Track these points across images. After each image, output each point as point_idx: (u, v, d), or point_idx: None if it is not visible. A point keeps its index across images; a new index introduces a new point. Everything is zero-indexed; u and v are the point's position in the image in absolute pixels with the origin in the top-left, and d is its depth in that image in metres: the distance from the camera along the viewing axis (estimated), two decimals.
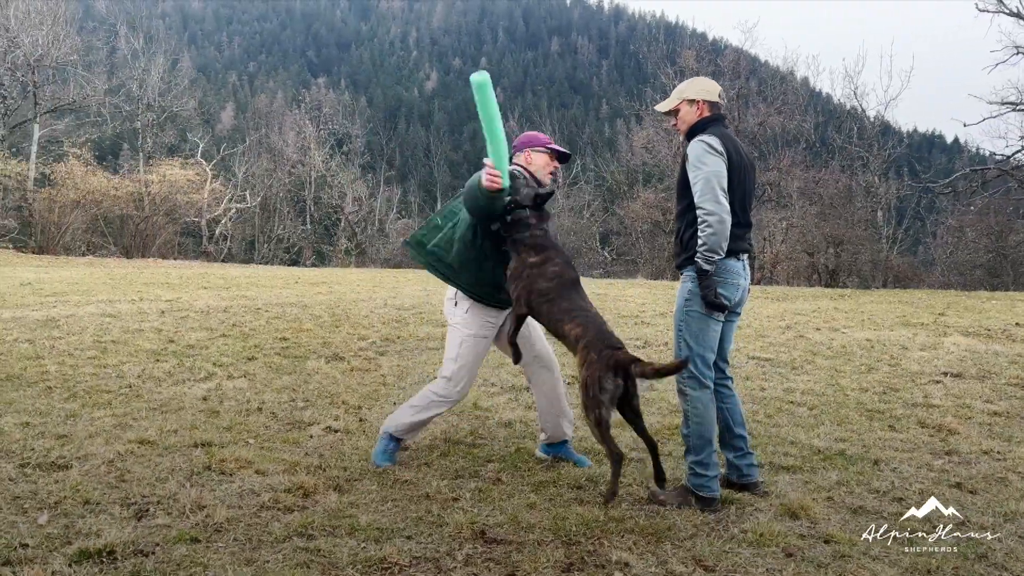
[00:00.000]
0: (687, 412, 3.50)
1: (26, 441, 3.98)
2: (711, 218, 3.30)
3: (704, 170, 3.35)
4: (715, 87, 3.68)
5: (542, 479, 3.65)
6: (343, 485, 3.48)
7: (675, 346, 3.58)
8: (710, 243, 3.31)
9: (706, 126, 3.53)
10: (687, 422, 3.50)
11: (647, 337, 9.08)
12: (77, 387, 5.60)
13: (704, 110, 3.58)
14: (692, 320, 3.46)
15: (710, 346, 3.50)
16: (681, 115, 3.62)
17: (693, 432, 3.46)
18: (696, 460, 3.44)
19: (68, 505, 3.09)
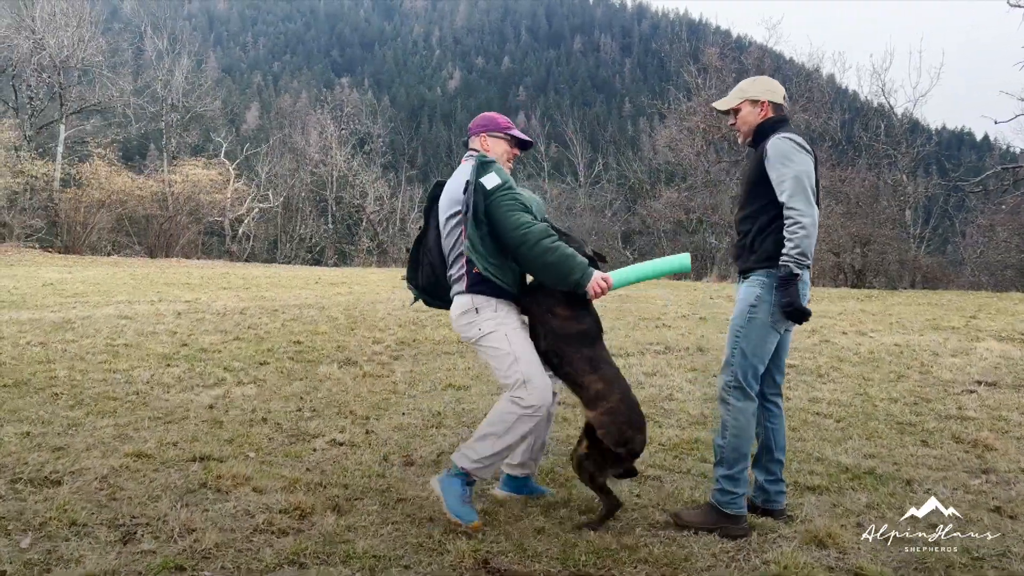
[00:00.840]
0: (726, 423, 3.28)
1: (21, 454, 3.86)
2: (804, 219, 3.08)
3: (793, 168, 3.13)
4: (780, 88, 3.46)
5: (551, 500, 3.46)
6: (342, 505, 3.31)
7: (728, 351, 3.34)
8: (803, 246, 3.07)
9: (775, 127, 3.33)
10: (724, 433, 3.28)
11: (668, 341, 8.85)
12: (84, 394, 5.51)
13: (768, 111, 3.37)
14: (753, 328, 3.24)
15: (763, 358, 3.29)
16: (742, 115, 3.41)
17: (729, 444, 3.25)
18: (727, 474, 3.23)
19: (53, 527, 2.95)
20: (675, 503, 3.46)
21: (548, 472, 3.85)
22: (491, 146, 3.44)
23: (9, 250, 24.80)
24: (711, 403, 5.57)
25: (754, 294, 3.23)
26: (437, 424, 4.80)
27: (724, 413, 3.30)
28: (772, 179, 3.19)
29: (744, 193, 3.40)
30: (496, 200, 3.15)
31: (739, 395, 3.26)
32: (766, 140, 3.27)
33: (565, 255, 3.10)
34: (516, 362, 3.18)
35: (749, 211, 3.33)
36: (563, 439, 4.53)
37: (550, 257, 3.10)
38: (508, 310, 3.28)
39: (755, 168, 3.29)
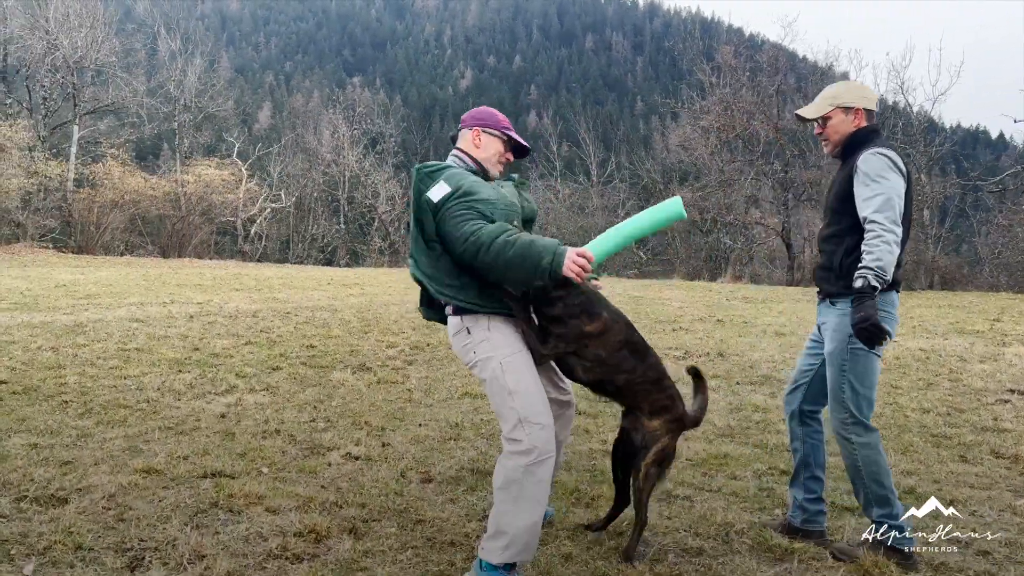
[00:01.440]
0: (855, 462, 3.06)
1: (28, 468, 3.74)
2: (888, 234, 2.84)
3: (885, 185, 2.90)
4: (873, 93, 3.23)
5: (579, 521, 3.30)
6: (359, 527, 3.16)
7: (834, 388, 3.08)
8: (885, 261, 2.82)
9: (870, 138, 3.10)
10: (858, 473, 3.06)
11: (688, 346, 8.67)
12: (94, 402, 5.39)
13: (861, 119, 3.14)
14: (858, 359, 3.01)
15: (873, 385, 3.08)
16: (833, 123, 3.15)
17: (871, 482, 3.04)
18: (886, 513, 3.03)
19: (58, 551, 2.82)
20: (708, 525, 3.29)
21: (572, 491, 3.69)
22: (484, 143, 3.00)
23: (23, 250, 24.87)
24: (736, 413, 5.40)
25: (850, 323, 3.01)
26: (455, 436, 4.65)
27: (848, 453, 3.08)
28: (859, 194, 2.96)
29: (830, 209, 3.16)
30: (444, 214, 2.72)
31: (860, 430, 3.05)
32: (857, 153, 3.06)
33: (525, 244, 2.59)
34: (511, 396, 2.72)
35: (835, 230, 3.11)
36: (586, 452, 4.37)
37: (509, 252, 2.59)
38: (504, 330, 2.82)
39: (845, 183, 3.06)
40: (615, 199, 33.49)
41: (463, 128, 3.07)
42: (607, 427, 4.93)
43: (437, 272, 2.81)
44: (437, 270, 2.81)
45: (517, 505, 2.64)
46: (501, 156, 3.03)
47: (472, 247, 2.64)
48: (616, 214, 32.57)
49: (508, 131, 3.03)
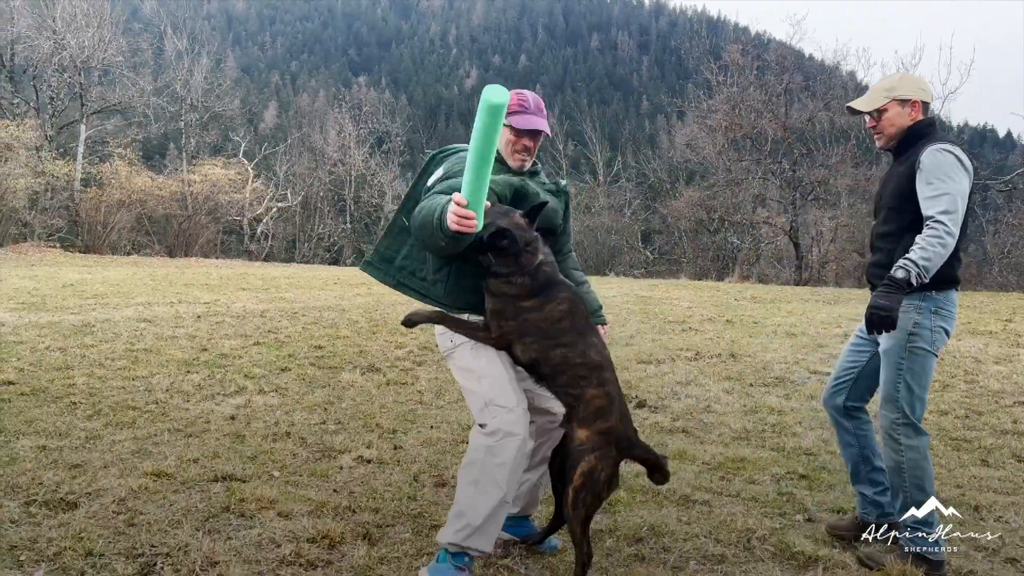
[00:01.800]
0: (900, 464, 2.99)
1: (37, 472, 3.69)
2: (948, 239, 2.78)
3: (951, 185, 2.82)
4: (929, 86, 3.15)
5: (596, 527, 3.23)
6: (373, 533, 3.11)
7: (888, 387, 3.01)
8: (933, 264, 2.76)
9: (927, 132, 3.04)
10: (900, 475, 3.00)
11: (698, 346, 8.59)
12: (102, 403, 5.35)
13: (918, 112, 3.06)
14: (917, 359, 2.95)
15: (927, 386, 3.03)
16: (889, 116, 3.06)
17: (913, 486, 2.98)
18: (922, 520, 2.97)
19: (68, 558, 2.77)
20: (728, 532, 3.22)
21: None
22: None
23: (30, 250, 24.89)
24: (752, 416, 5.32)
25: (911, 321, 2.95)
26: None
27: (895, 454, 3.01)
28: (922, 192, 2.88)
29: (887, 206, 3.08)
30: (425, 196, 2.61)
31: (910, 432, 2.98)
32: (916, 147, 2.98)
33: (427, 206, 2.46)
34: (479, 380, 2.70)
35: (893, 227, 3.03)
36: None
37: (419, 216, 2.49)
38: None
39: (906, 178, 2.97)
40: (621, 199, 33.37)
41: None
42: None
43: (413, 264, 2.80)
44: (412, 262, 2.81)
45: (477, 488, 2.60)
46: (514, 144, 2.85)
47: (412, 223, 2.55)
48: (623, 214, 32.49)
49: (511, 117, 2.78)
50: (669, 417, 5.18)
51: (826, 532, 3.25)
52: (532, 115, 2.83)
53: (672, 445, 4.49)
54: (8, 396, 5.45)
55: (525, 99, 2.84)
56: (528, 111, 2.82)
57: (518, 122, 2.80)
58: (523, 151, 2.86)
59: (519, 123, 2.80)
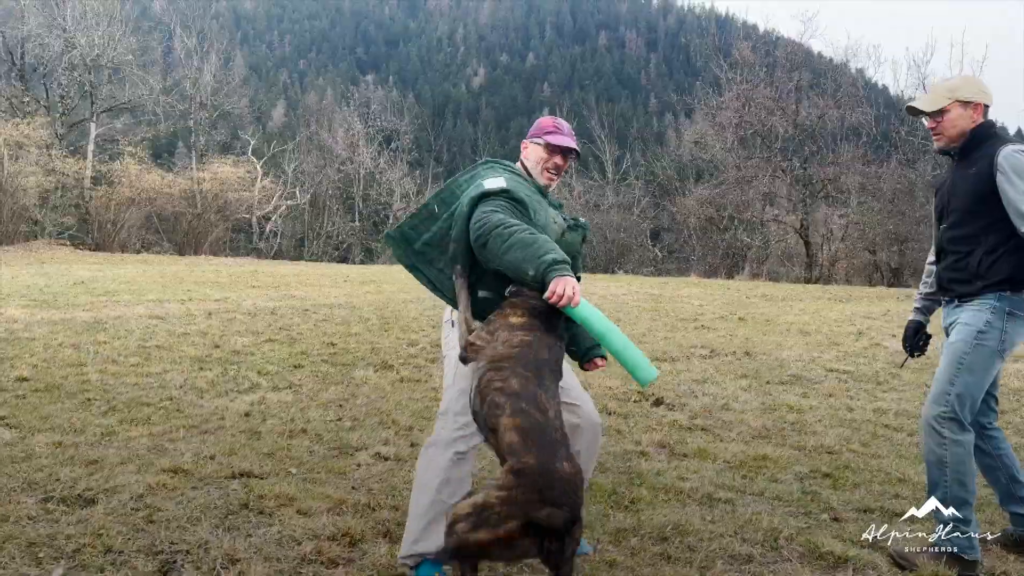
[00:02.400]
0: (943, 459, 2.94)
1: (54, 468, 3.67)
2: None
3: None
4: (990, 89, 3.10)
5: (619, 525, 3.19)
6: (394, 531, 3.06)
7: (942, 380, 2.99)
8: None
9: (991, 134, 3.01)
10: (941, 470, 2.95)
11: (713, 344, 8.52)
12: (117, 399, 5.33)
13: (979, 115, 3.03)
14: (980, 356, 2.92)
15: (984, 388, 2.98)
16: (951, 118, 3.02)
17: (952, 482, 2.93)
18: (960, 518, 2.92)
19: (87, 555, 2.74)
20: (754, 531, 3.17)
21: (610, 494, 3.58)
22: (528, 152, 2.97)
23: (41, 247, 24.99)
24: (770, 414, 5.26)
25: (983, 319, 2.91)
26: None
27: (937, 447, 2.96)
28: (1009, 195, 2.85)
29: (960, 209, 3.03)
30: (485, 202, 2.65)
31: (956, 428, 2.94)
32: (981, 149, 2.97)
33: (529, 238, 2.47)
34: (447, 388, 2.78)
35: (970, 230, 2.99)
36: (620, 454, 4.25)
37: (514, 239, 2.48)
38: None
39: (980, 181, 2.94)
40: (630, 197, 33.26)
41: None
42: (639, 427, 4.82)
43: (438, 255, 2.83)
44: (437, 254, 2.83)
45: (414, 493, 2.71)
46: (546, 162, 2.92)
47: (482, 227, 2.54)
48: (631, 212, 32.37)
49: (547, 135, 2.91)
50: (687, 415, 5.13)
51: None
52: (566, 136, 2.93)
53: (692, 443, 4.44)
54: (23, 392, 5.45)
55: (559, 123, 2.97)
56: (563, 132, 2.93)
57: (553, 139, 2.90)
58: (554, 169, 2.93)
59: (554, 140, 2.90)
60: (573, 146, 2.92)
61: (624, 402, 5.51)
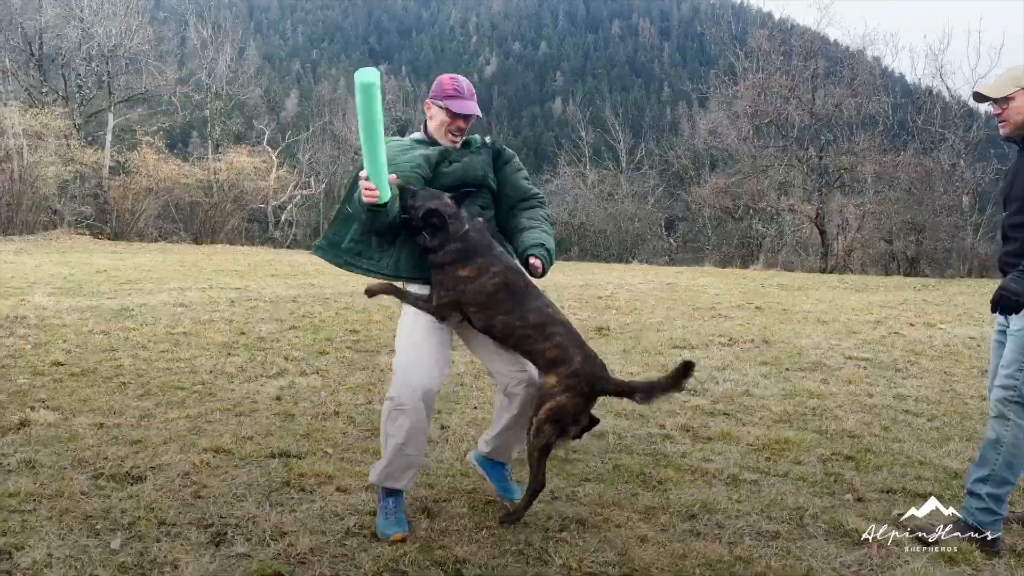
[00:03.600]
0: (1001, 438, 3.01)
1: (100, 447, 3.81)
2: None
3: None
4: None
5: (648, 503, 3.29)
6: (431, 507, 3.19)
7: (1009, 364, 3.02)
8: None
9: None
10: (996, 449, 3.02)
11: (731, 333, 8.59)
12: (151, 383, 5.48)
13: None
14: None
15: None
16: (1016, 105, 3.05)
17: (1003, 462, 3.00)
18: (994, 493, 3.00)
19: (143, 527, 2.87)
20: (780, 510, 3.26)
21: (637, 474, 3.68)
22: (432, 114, 3.12)
23: (61, 236, 25.27)
24: (791, 399, 5.34)
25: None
26: None
27: (1000, 428, 3.02)
28: None
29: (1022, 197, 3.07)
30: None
31: (1020, 411, 2.99)
32: None
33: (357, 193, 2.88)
34: (403, 349, 3.01)
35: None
36: (645, 436, 4.35)
37: (355, 203, 2.97)
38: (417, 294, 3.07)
39: None
40: (644, 186, 33.19)
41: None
42: (662, 412, 4.91)
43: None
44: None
45: (385, 440, 2.98)
46: (448, 125, 3.06)
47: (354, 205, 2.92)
48: (646, 201, 32.32)
49: (448, 100, 3.03)
50: (709, 400, 5.22)
51: None
52: (466, 100, 3.04)
53: (715, 427, 4.53)
54: (60, 376, 5.60)
55: (459, 84, 3.06)
56: (463, 96, 3.04)
57: (454, 106, 3.02)
58: (456, 132, 3.09)
59: (455, 107, 3.02)
60: (473, 112, 3.05)
61: None
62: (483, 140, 3.22)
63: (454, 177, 3.06)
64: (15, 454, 3.66)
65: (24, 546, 2.66)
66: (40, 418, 4.37)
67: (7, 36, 28.40)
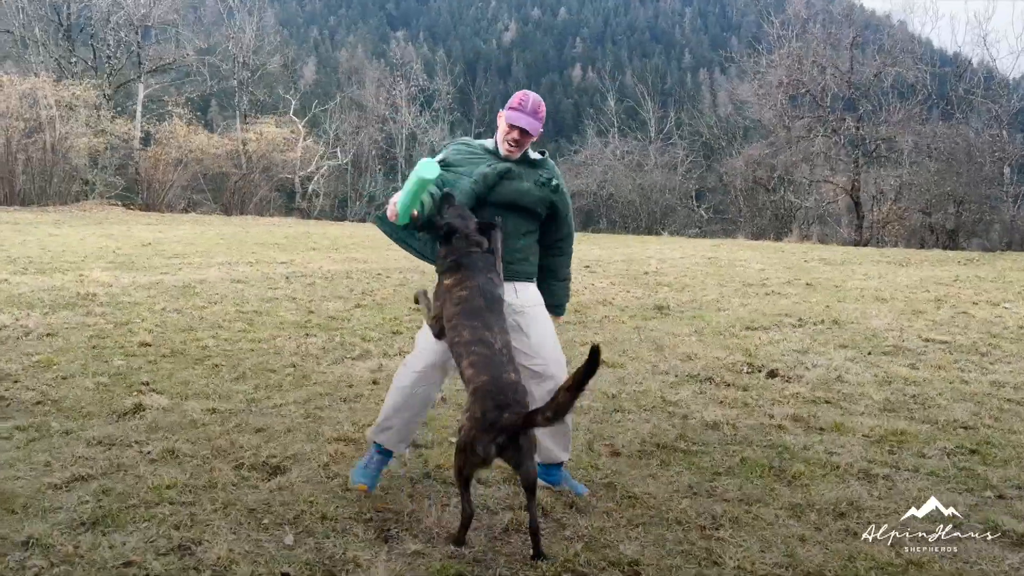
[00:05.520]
0: None
1: (229, 436, 3.85)
2: None
3: None
4: None
5: (791, 500, 3.28)
6: (577, 501, 3.20)
7: None
8: None
9: None
10: None
11: (795, 312, 8.53)
12: (241, 365, 5.52)
13: None
14: None
15: None
16: None
17: None
18: None
19: (308, 521, 2.90)
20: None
21: (767, 468, 3.66)
22: (500, 124, 3.33)
23: (94, 207, 25.43)
24: (888, 387, 5.30)
25: None
26: (617, 408, 4.64)
27: None
28: None
29: None
30: None
31: None
32: None
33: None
34: (417, 341, 3.42)
35: None
36: (757, 426, 4.33)
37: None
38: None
39: None
40: (674, 157, 32.82)
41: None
42: (764, 400, 4.89)
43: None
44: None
45: (388, 396, 3.33)
46: (507, 134, 3.24)
47: None
48: (675, 172, 31.98)
49: (509, 110, 3.22)
50: (807, 387, 5.18)
51: None
52: (527, 115, 3.21)
53: (823, 416, 4.51)
54: (152, 357, 5.66)
55: (525, 100, 3.24)
56: (524, 111, 3.21)
57: (511, 118, 3.22)
58: (512, 143, 3.24)
59: (512, 119, 3.21)
60: (526, 127, 3.20)
61: (737, 373, 5.59)
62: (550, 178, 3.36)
63: (507, 197, 3.25)
64: (153, 442, 3.70)
65: (201, 541, 2.70)
66: (152, 402, 4.42)
67: (36, 6, 28.32)
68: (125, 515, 2.86)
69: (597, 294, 10.03)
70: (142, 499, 3.02)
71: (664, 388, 5.10)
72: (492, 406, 2.69)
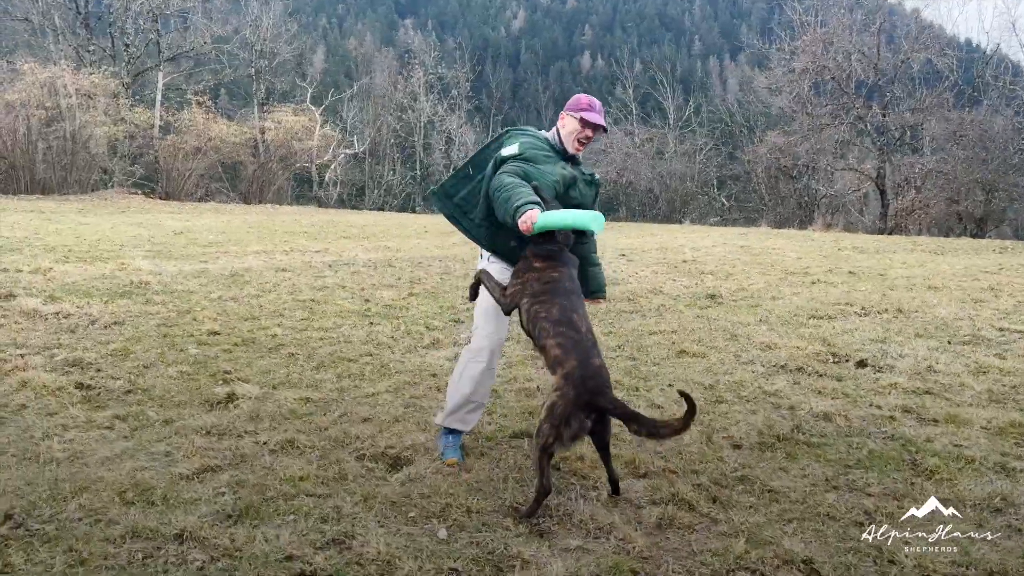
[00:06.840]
0: None
1: (339, 426, 3.75)
2: None
3: None
4: None
5: (941, 496, 3.15)
6: (710, 487, 3.10)
7: None
8: None
9: None
10: None
11: (851, 300, 8.40)
12: (316, 354, 5.43)
13: None
14: None
15: None
16: None
17: None
18: None
19: (455, 515, 2.80)
20: None
21: (899, 460, 3.55)
22: (566, 123, 3.52)
23: (114, 196, 25.37)
24: (984, 376, 5.17)
25: None
26: (718, 399, 4.51)
27: None
28: None
29: None
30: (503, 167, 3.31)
31: None
32: None
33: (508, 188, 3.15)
34: (477, 306, 3.54)
35: None
36: (866, 417, 4.22)
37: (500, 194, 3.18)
38: (498, 267, 3.50)
39: None
40: (693, 144, 32.56)
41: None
42: (863, 391, 4.77)
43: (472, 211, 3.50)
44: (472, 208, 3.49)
45: (453, 386, 3.47)
46: (579, 134, 3.47)
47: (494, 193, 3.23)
48: (694, 160, 31.75)
49: (583, 112, 3.45)
50: (903, 377, 5.06)
51: None
52: (597, 114, 3.48)
53: (932, 408, 4.38)
54: (226, 347, 5.56)
55: (593, 102, 3.52)
56: (595, 111, 3.48)
57: (589, 117, 3.45)
58: (584, 140, 3.51)
59: (590, 118, 3.45)
60: (602, 123, 3.50)
61: (824, 363, 5.47)
62: (592, 173, 3.63)
63: (575, 203, 3.47)
64: (264, 432, 3.61)
65: (353, 535, 2.60)
66: (244, 392, 4.33)
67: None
68: (267, 507, 2.77)
69: (644, 283, 9.90)
70: (279, 491, 2.92)
71: (758, 379, 4.98)
72: (584, 389, 2.86)
